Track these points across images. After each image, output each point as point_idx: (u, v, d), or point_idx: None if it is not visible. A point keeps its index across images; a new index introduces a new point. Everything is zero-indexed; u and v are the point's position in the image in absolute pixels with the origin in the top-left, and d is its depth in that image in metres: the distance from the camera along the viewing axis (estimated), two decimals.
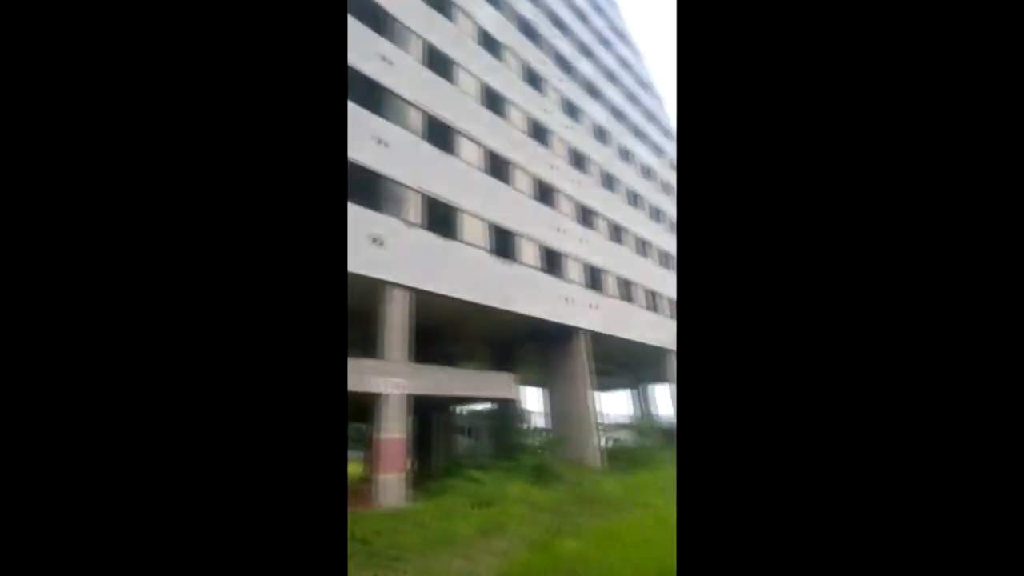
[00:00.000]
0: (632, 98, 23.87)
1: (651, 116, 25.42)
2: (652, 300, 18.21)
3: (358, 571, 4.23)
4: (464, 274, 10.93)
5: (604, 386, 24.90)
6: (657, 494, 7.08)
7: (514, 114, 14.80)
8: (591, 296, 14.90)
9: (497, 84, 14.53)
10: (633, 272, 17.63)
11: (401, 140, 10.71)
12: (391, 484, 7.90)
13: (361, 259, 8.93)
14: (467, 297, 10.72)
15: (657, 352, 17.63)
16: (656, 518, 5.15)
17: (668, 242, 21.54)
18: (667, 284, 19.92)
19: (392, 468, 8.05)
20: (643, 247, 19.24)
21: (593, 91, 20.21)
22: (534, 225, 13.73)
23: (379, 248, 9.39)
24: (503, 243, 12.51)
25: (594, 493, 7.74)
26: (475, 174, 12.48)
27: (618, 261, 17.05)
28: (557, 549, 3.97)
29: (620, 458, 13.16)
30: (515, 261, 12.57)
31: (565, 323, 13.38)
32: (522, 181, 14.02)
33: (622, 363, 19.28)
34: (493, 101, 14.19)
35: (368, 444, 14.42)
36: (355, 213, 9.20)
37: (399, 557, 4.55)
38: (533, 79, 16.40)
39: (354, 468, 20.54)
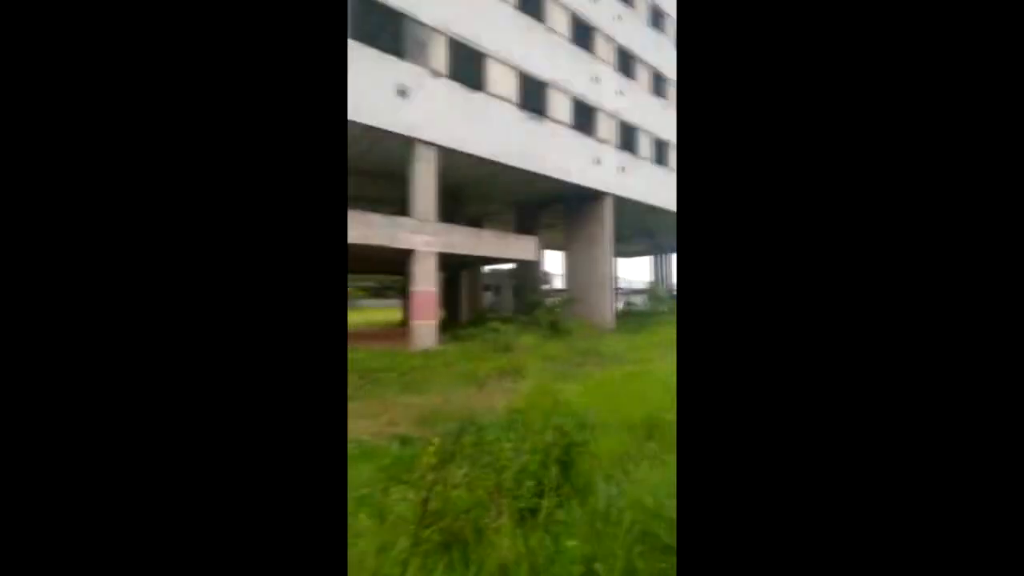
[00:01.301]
0: None
1: None
2: None
3: (396, 396, 5.26)
4: (490, 131, 10.53)
5: (625, 252, 25.25)
6: (653, 351, 7.94)
7: None
8: (622, 157, 14.25)
9: None
10: (670, 131, 16.38)
11: None
12: (424, 329, 9.08)
13: (386, 112, 8.69)
14: (493, 156, 10.52)
15: None
16: (647, 371, 5.94)
17: None
18: None
19: (425, 316, 9.16)
20: None
21: None
22: (568, 73, 12.50)
23: (404, 100, 9.00)
24: (533, 95, 11.64)
25: (598, 348, 8.70)
26: (504, 9, 11.01)
27: (655, 118, 15.76)
28: (559, 390, 4.78)
29: (630, 319, 14.26)
30: (545, 116, 11.85)
31: (592, 187, 13.15)
32: (559, 18, 12.32)
33: (646, 229, 19.27)
34: None
35: (405, 295, 15.90)
36: (378, 60, 8.64)
37: (427, 388, 5.58)
38: None
39: (395, 314, 22.96)
